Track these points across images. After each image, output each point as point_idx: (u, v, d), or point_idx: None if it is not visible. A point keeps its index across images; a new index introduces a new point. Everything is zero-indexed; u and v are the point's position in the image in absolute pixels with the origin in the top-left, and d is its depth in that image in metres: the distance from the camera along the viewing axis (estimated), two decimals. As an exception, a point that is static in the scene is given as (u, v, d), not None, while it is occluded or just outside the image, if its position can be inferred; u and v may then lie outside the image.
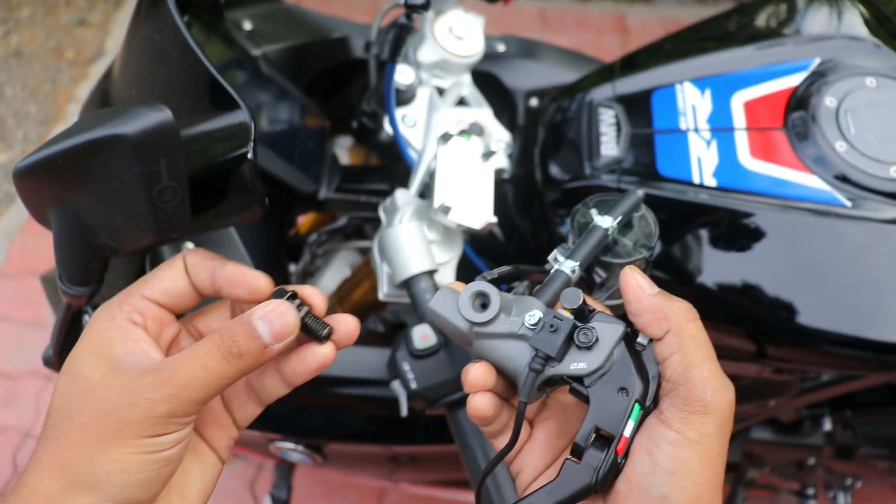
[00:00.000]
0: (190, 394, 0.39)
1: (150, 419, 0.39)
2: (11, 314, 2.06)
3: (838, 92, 0.74)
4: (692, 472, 0.39)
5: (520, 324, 0.44)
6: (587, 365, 0.43)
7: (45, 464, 0.38)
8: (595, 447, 0.42)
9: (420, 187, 0.82)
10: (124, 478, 0.38)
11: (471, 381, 0.44)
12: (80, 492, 0.38)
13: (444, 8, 0.90)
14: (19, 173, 0.47)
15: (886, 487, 1.72)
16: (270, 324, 0.41)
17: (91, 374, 0.40)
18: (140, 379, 0.39)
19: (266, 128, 0.82)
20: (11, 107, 2.54)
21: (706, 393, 0.40)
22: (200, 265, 0.45)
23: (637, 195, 0.55)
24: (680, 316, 0.43)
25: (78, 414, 0.39)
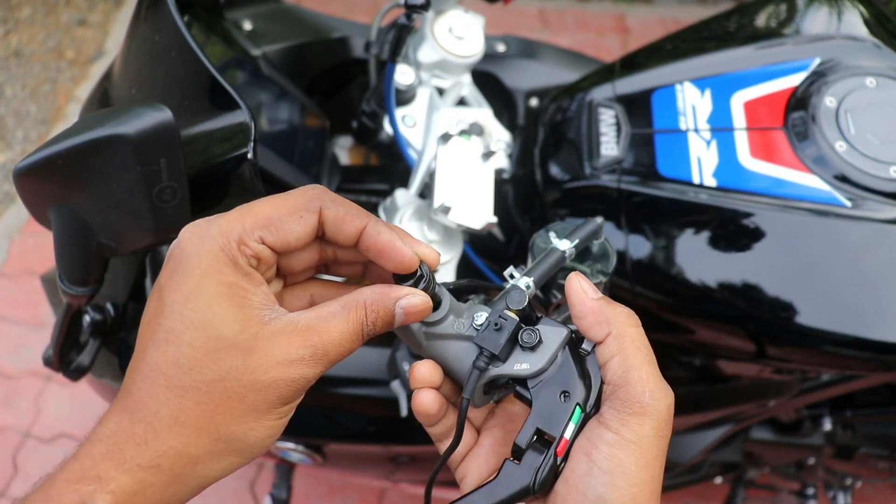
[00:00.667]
0: (332, 365, 0.40)
1: (301, 391, 0.40)
2: (11, 314, 2.06)
3: (838, 92, 0.74)
4: (629, 473, 0.40)
5: (468, 325, 0.45)
6: (530, 366, 0.44)
7: (192, 427, 0.38)
8: (535, 449, 0.42)
9: (420, 187, 0.82)
10: (270, 440, 0.40)
11: (416, 377, 0.45)
12: (229, 455, 0.39)
13: (444, 8, 0.90)
14: (19, 173, 0.47)
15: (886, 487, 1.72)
16: (407, 315, 0.42)
17: (241, 338, 0.38)
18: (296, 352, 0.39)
19: (266, 128, 0.82)
20: (11, 107, 2.54)
21: (644, 395, 0.41)
22: (346, 222, 0.41)
23: (596, 223, 0.57)
24: (621, 320, 0.44)
25: (231, 382, 0.38)
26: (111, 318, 0.84)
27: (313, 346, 0.39)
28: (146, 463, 0.37)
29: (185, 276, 0.38)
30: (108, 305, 0.84)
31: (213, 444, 0.38)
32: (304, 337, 0.39)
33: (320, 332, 0.40)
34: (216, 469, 0.39)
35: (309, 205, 0.41)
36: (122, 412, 0.38)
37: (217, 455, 0.39)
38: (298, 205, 0.41)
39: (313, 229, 0.41)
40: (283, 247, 0.41)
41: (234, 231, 0.39)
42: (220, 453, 0.39)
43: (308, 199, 0.41)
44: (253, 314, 0.39)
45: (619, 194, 0.77)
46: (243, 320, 0.38)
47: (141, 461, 0.37)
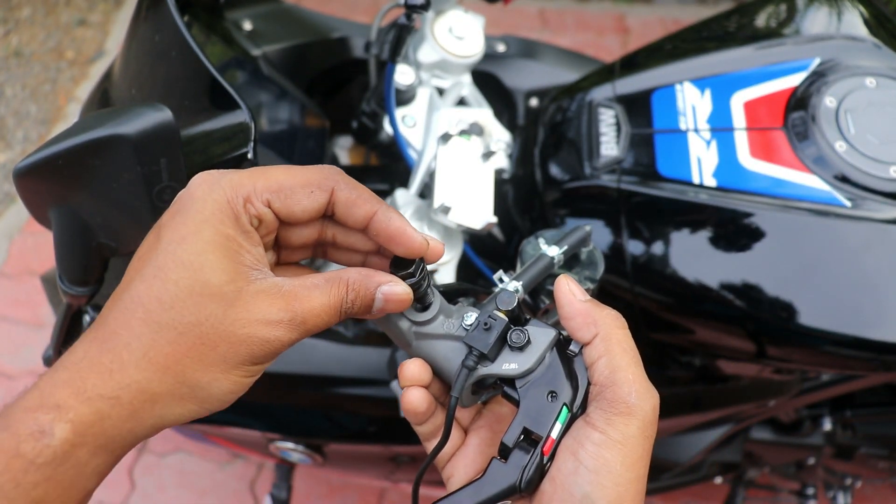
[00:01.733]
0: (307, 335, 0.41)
1: (273, 353, 0.40)
2: (11, 314, 2.06)
3: (838, 92, 0.74)
4: (614, 472, 0.40)
5: (457, 325, 0.46)
6: (518, 366, 0.44)
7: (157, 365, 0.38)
8: (522, 448, 0.43)
9: (420, 187, 0.82)
10: (231, 396, 0.40)
11: (406, 375, 0.46)
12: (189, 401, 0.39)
13: (444, 8, 0.90)
14: (19, 173, 0.47)
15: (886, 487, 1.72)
16: (387, 302, 0.43)
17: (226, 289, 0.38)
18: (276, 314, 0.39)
19: (266, 128, 0.82)
20: (11, 107, 2.54)
21: (631, 395, 0.41)
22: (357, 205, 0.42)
23: (585, 230, 0.57)
24: (608, 322, 0.44)
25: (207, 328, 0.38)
26: (111, 318, 0.84)
27: (293, 312, 0.40)
28: (107, 394, 0.37)
29: (186, 219, 0.39)
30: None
31: (176, 387, 0.38)
32: (286, 301, 0.40)
33: (302, 299, 0.40)
34: (174, 413, 0.39)
35: (323, 182, 0.41)
36: (93, 341, 0.38)
37: (178, 398, 0.38)
38: (312, 180, 0.41)
39: (321, 206, 0.42)
40: (288, 215, 0.41)
41: (244, 188, 0.39)
42: (181, 397, 0.38)
43: (323, 176, 0.42)
44: (242, 269, 0.39)
45: (619, 194, 0.77)
46: (232, 272, 0.39)
47: (102, 391, 0.37)
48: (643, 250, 0.76)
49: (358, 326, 0.90)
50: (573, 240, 0.57)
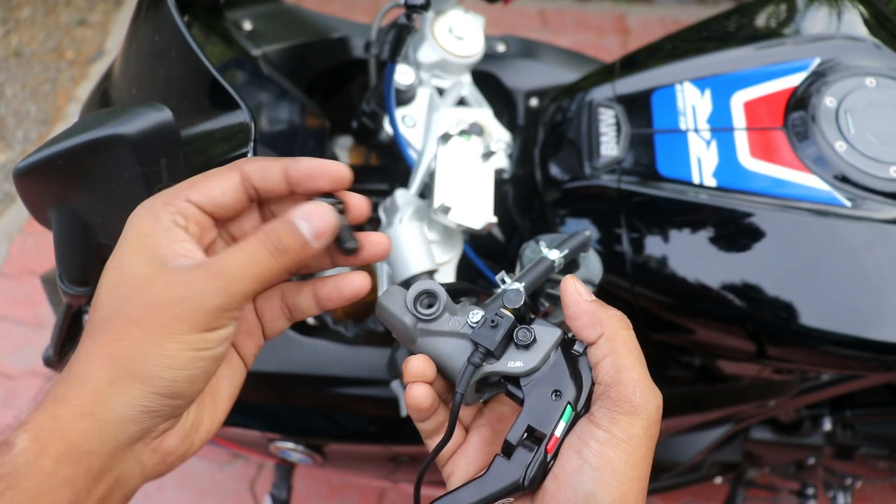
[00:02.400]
0: (239, 286, 0.40)
1: (201, 313, 0.39)
2: (11, 314, 2.06)
3: (838, 92, 0.74)
4: (618, 471, 0.40)
5: (463, 323, 0.46)
6: (523, 364, 0.45)
7: (97, 356, 0.39)
8: (525, 446, 0.43)
9: (420, 187, 0.82)
10: (173, 373, 0.39)
11: (410, 370, 0.46)
12: (129, 384, 0.39)
13: (444, 8, 0.90)
14: (19, 173, 0.47)
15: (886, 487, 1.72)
16: (310, 223, 0.42)
17: (140, 272, 0.40)
18: (191, 273, 0.40)
19: (266, 128, 0.82)
20: (11, 107, 2.54)
21: (635, 395, 0.42)
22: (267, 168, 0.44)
23: (585, 235, 0.58)
24: (613, 322, 0.45)
25: (129, 309, 0.39)
26: (111, 318, 0.84)
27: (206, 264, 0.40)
28: (57, 395, 0.38)
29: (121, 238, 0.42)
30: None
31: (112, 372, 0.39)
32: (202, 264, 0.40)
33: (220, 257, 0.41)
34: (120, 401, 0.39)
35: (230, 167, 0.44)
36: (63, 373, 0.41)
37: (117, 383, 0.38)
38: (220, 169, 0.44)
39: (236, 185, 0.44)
40: (210, 202, 0.43)
41: (164, 195, 0.42)
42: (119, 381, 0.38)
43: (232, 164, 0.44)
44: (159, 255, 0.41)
45: (619, 194, 0.77)
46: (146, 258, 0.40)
47: (54, 394, 0.38)
48: (643, 250, 0.76)
49: (358, 326, 0.90)
50: (573, 244, 0.57)
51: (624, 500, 0.40)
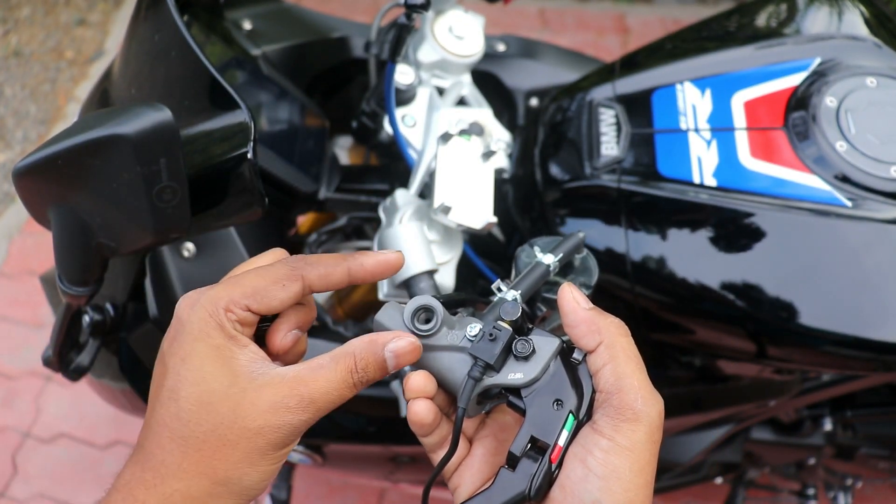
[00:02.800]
0: (322, 413, 0.44)
1: (290, 436, 0.43)
2: (11, 314, 2.06)
3: (839, 92, 0.74)
4: (623, 478, 0.41)
5: (461, 337, 0.46)
6: (524, 375, 0.45)
7: (193, 472, 0.42)
8: (529, 457, 0.43)
9: (420, 187, 0.82)
10: (264, 483, 0.44)
11: (411, 387, 0.46)
12: (227, 497, 0.43)
13: (444, 8, 0.90)
14: (19, 173, 0.47)
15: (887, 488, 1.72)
16: (398, 357, 0.45)
17: (230, 391, 0.42)
18: (282, 402, 0.42)
19: (266, 128, 0.82)
20: (11, 106, 2.54)
21: (637, 402, 0.42)
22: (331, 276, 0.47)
23: (578, 237, 0.58)
24: (612, 330, 0.45)
25: (225, 431, 0.42)
26: (111, 319, 0.84)
27: (300, 395, 0.42)
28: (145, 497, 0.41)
29: (182, 341, 0.43)
30: (108, 305, 0.84)
31: (212, 487, 0.42)
32: (290, 387, 0.43)
33: (307, 381, 0.43)
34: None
35: (290, 275, 0.45)
36: (136, 464, 0.43)
37: (216, 497, 0.42)
38: (280, 276, 0.45)
39: (296, 295, 0.46)
40: (268, 311, 0.45)
41: (223, 300, 0.44)
42: (219, 496, 0.42)
43: (290, 269, 0.46)
44: (241, 370, 0.43)
45: (619, 194, 0.77)
46: (231, 376, 0.43)
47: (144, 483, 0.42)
48: (643, 250, 0.76)
49: (358, 326, 0.90)
50: (567, 247, 0.57)
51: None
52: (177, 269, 0.81)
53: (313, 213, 1.08)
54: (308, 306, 0.49)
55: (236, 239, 0.82)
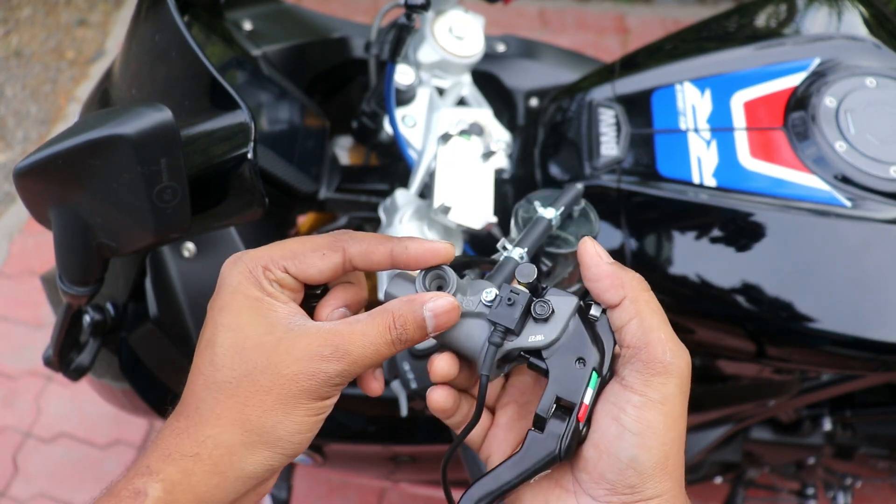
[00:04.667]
0: (358, 368, 0.43)
1: (325, 387, 0.43)
2: (11, 314, 2.06)
3: (838, 92, 0.74)
4: (658, 433, 0.41)
5: (476, 302, 0.46)
6: (544, 337, 0.44)
7: (226, 419, 0.42)
8: (557, 417, 0.43)
9: (420, 187, 0.82)
10: (300, 437, 0.43)
11: (436, 370, 0.46)
12: (262, 448, 0.42)
13: (444, 8, 0.90)
14: (19, 173, 0.47)
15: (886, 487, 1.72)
16: (438, 319, 0.44)
17: (264, 339, 0.43)
18: (317, 350, 0.42)
19: (266, 128, 0.82)
20: (11, 107, 2.54)
21: (666, 354, 0.42)
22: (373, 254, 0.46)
23: (577, 188, 0.57)
24: (635, 284, 0.45)
25: (258, 376, 0.42)
26: (111, 318, 0.84)
27: (334, 345, 0.42)
28: (187, 452, 0.41)
29: (222, 294, 0.44)
30: (109, 305, 0.84)
31: (246, 436, 0.42)
32: (325, 337, 0.43)
33: (343, 333, 0.43)
34: (252, 462, 0.42)
35: (332, 244, 0.45)
36: (173, 415, 0.44)
37: (250, 446, 0.42)
38: (322, 244, 0.45)
39: (337, 265, 0.45)
40: (306, 278, 0.45)
41: (262, 259, 0.44)
42: (252, 444, 0.42)
43: (333, 239, 0.46)
44: (278, 321, 0.43)
45: (619, 194, 0.77)
46: (268, 325, 0.43)
47: (183, 450, 0.41)
48: (643, 250, 0.76)
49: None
50: (567, 199, 0.56)
51: (666, 459, 0.41)
52: (177, 269, 0.81)
53: (313, 213, 1.08)
54: (358, 285, 0.49)
55: (236, 239, 0.82)
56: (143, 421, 1.84)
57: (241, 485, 0.42)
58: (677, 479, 0.42)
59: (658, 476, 0.41)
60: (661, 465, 0.41)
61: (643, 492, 0.41)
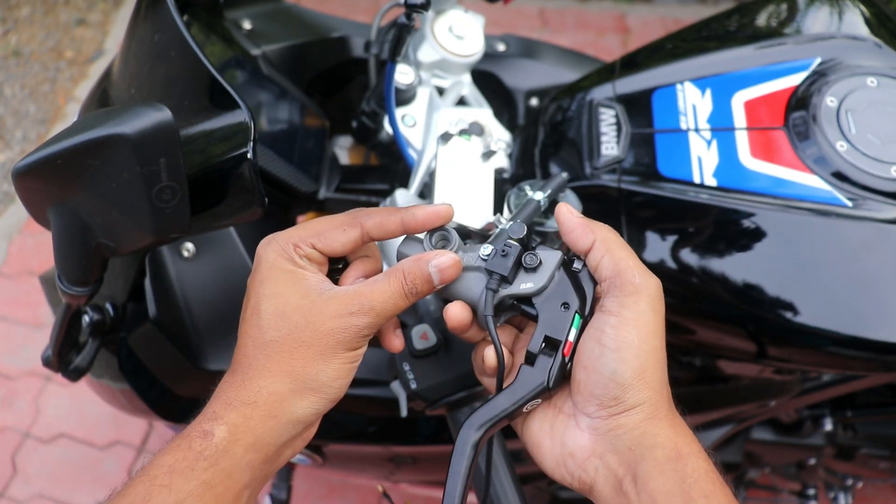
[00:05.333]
0: (382, 319, 0.51)
1: (356, 338, 0.50)
2: (10, 314, 2.06)
3: (839, 91, 0.74)
4: (633, 346, 0.47)
5: (475, 258, 0.53)
6: (534, 285, 0.52)
7: (276, 371, 0.49)
8: (545, 353, 0.50)
9: (420, 187, 0.82)
10: (339, 382, 0.51)
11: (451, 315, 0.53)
12: (309, 393, 0.50)
13: (444, 7, 0.90)
14: (18, 173, 0.47)
15: (887, 488, 1.72)
16: (442, 274, 0.52)
17: (302, 303, 0.50)
18: (345, 306, 0.50)
19: (266, 127, 0.82)
20: (10, 106, 2.54)
21: (635, 277, 0.49)
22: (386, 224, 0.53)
23: (563, 177, 0.63)
24: (603, 229, 0.52)
25: (299, 333, 0.49)
26: (110, 319, 0.84)
27: (360, 303, 0.50)
28: (246, 400, 0.48)
29: (260, 270, 0.52)
30: (108, 305, 0.84)
31: (294, 384, 0.49)
32: (352, 297, 0.50)
33: (366, 293, 0.51)
34: (300, 406, 0.50)
35: (351, 221, 0.53)
36: (228, 373, 0.51)
37: (298, 393, 0.49)
38: (343, 221, 0.53)
39: (356, 239, 0.53)
40: (331, 252, 0.53)
41: (292, 238, 0.52)
42: (299, 391, 0.49)
43: (350, 217, 0.53)
44: (311, 288, 0.51)
45: (619, 194, 0.77)
46: (303, 292, 0.51)
47: (242, 399, 0.48)
48: (643, 250, 0.76)
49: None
50: (554, 185, 0.62)
51: (643, 370, 0.47)
52: (177, 269, 0.81)
53: (313, 213, 1.08)
54: (373, 258, 0.57)
55: (236, 239, 0.82)
56: (142, 421, 1.84)
57: (292, 427, 0.50)
58: (657, 390, 0.48)
59: (637, 385, 0.47)
60: (638, 375, 0.47)
61: (626, 401, 0.47)
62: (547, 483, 1.16)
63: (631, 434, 0.47)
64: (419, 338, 0.69)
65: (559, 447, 0.50)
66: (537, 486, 1.17)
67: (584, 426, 0.49)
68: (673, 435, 0.48)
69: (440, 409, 0.70)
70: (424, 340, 0.68)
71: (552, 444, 0.50)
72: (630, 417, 0.47)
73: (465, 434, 0.49)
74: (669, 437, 0.47)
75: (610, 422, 0.48)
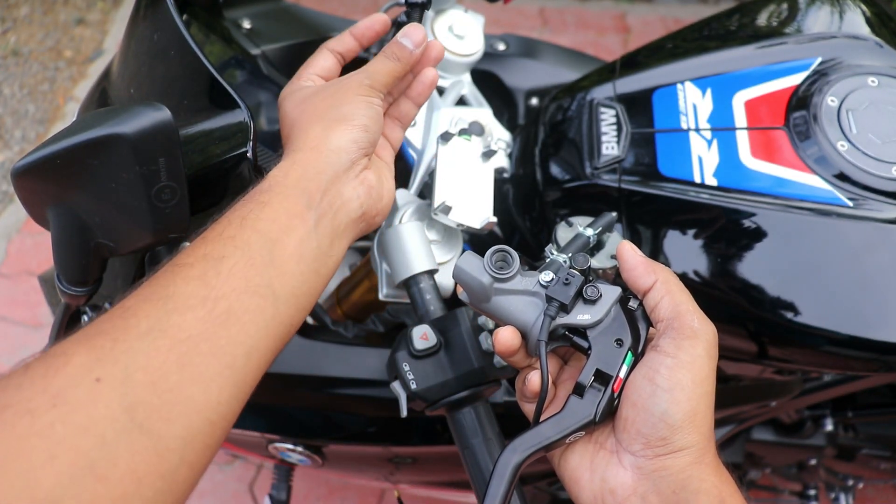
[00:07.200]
0: (377, 78, 0.60)
1: (362, 85, 0.59)
2: (9, 315, 2.06)
3: (840, 91, 0.74)
4: (686, 389, 0.47)
5: (534, 282, 0.53)
6: (591, 317, 0.52)
7: (305, 123, 0.58)
8: (594, 387, 0.50)
9: (420, 187, 0.82)
10: (362, 113, 0.58)
11: (501, 341, 0.53)
12: (338, 125, 0.57)
13: (444, 7, 0.90)
14: (17, 173, 0.47)
15: (888, 488, 1.72)
16: (411, 38, 0.62)
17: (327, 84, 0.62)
18: (358, 78, 0.60)
19: (265, 127, 0.82)
20: (9, 106, 2.54)
21: (694, 322, 0.49)
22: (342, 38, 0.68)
23: (612, 216, 0.64)
24: (664, 270, 0.53)
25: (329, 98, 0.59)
26: (110, 319, 0.83)
27: (367, 73, 0.61)
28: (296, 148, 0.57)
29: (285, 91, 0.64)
30: (107, 305, 0.84)
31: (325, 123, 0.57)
32: (360, 73, 0.61)
33: (367, 69, 0.62)
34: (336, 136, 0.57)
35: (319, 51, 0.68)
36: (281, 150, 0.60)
37: (330, 128, 0.57)
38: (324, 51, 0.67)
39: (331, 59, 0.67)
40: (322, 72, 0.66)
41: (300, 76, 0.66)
42: (330, 126, 0.57)
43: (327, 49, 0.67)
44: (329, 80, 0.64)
45: (619, 194, 0.77)
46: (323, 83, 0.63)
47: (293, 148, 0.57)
48: (644, 250, 0.75)
49: (357, 327, 0.90)
50: (603, 223, 0.63)
51: (694, 414, 0.47)
52: (176, 270, 0.80)
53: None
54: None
55: (236, 239, 0.81)
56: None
57: (336, 156, 0.56)
58: (705, 435, 0.48)
59: (686, 429, 0.47)
60: (689, 419, 0.47)
61: (674, 443, 0.47)
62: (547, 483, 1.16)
63: (676, 477, 0.46)
64: (419, 338, 0.69)
65: (599, 483, 0.49)
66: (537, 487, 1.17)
67: (627, 464, 0.49)
68: (718, 482, 0.47)
69: (440, 410, 0.69)
70: (424, 341, 0.68)
71: (591, 479, 0.50)
72: (676, 460, 0.47)
73: (506, 458, 0.48)
74: (715, 485, 0.47)
75: (655, 462, 0.47)
